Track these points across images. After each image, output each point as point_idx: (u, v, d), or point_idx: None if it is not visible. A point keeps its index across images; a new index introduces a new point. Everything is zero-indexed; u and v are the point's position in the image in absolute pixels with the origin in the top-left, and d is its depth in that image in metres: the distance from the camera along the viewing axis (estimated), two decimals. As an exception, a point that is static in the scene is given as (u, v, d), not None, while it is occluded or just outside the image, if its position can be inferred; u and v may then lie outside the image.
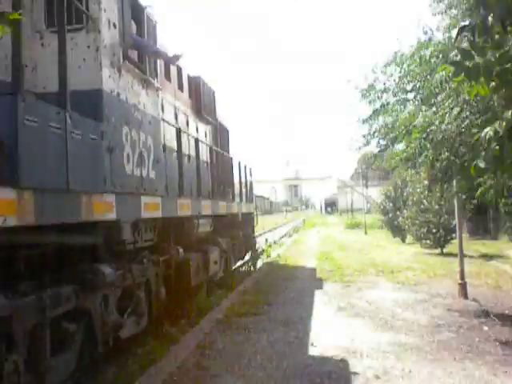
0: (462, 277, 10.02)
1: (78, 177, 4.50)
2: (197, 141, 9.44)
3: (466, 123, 7.32)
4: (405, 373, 5.67)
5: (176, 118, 8.77)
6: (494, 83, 3.77)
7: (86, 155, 4.80)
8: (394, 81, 9.20)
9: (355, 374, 5.64)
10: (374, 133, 10.94)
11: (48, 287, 4.34)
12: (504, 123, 3.70)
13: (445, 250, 18.41)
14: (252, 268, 15.70)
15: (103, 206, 4.99)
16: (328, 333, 7.47)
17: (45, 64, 5.18)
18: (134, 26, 6.58)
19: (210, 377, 5.65)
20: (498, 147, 3.77)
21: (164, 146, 7.39)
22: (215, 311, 8.92)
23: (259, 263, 16.74)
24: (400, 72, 9.15)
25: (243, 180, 14.27)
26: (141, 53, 6.62)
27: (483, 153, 5.84)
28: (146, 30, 6.74)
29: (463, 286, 9.93)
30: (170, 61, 7.52)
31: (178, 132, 8.09)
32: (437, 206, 18.83)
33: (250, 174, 15.97)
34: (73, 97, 4.62)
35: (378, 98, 9.45)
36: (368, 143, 12.15)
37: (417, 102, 8.85)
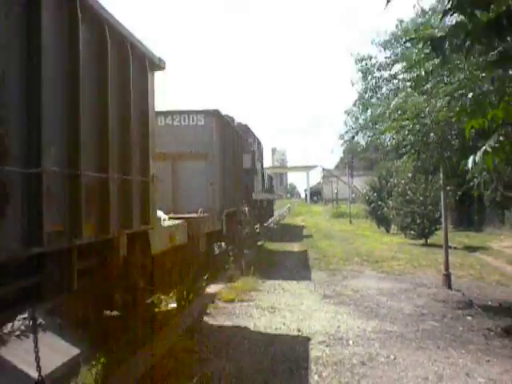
0: (447, 267, 10.16)
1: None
2: (262, 174, 23.09)
3: (454, 112, 7.33)
4: (390, 360, 5.74)
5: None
6: None
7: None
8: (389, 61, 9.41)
9: (342, 360, 5.70)
10: (361, 126, 11.06)
11: None
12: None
13: (429, 241, 18.64)
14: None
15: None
16: (314, 320, 7.55)
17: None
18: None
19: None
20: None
21: (262, 179, 22.69)
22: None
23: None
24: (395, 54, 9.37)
25: (269, 182, 28.16)
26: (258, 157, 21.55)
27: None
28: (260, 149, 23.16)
29: (447, 277, 10.08)
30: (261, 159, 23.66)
31: (264, 173, 24.12)
32: (421, 198, 19.00)
33: (272, 178, 31.84)
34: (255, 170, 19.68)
35: (379, 69, 9.67)
36: (357, 134, 12.29)
37: (406, 86, 8.96)
